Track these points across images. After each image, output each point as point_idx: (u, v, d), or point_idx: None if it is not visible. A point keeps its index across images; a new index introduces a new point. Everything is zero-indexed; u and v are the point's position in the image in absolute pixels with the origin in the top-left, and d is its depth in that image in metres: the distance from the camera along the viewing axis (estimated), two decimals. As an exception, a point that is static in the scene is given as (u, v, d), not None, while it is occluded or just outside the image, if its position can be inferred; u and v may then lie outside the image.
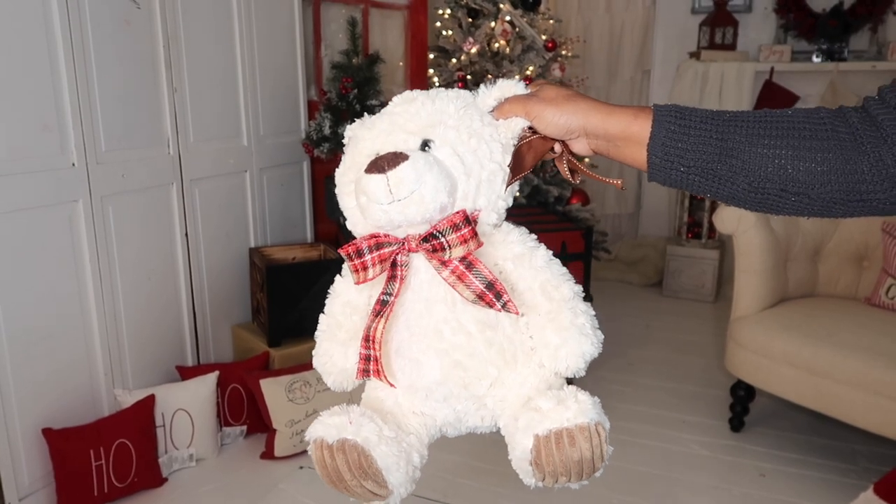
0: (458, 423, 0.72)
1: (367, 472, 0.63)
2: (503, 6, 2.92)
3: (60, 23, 1.85)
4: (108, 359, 2.09)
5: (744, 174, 0.67)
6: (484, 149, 0.66)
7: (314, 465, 0.66)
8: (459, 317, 0.66)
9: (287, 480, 2.14)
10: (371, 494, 0.65)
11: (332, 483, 0.66)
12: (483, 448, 2.34)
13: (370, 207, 0.64)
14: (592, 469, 0.62)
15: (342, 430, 0.63)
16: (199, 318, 2.45)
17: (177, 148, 2.29)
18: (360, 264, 0.66)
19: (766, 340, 2.24)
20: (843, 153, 0.64)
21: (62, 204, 1.92)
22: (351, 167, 0.69)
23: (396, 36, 3.32)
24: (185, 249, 2.36)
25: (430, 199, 0.63)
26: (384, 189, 0.62)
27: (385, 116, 0.70)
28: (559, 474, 0.62)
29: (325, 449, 0.64)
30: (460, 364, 0.66)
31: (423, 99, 0.69)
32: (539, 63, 2.96)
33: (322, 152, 2.66)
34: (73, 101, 1.91)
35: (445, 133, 0.66)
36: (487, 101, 0.70)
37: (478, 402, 0.69)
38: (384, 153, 0.64)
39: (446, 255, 0.63)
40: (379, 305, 0.66)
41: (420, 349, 0.67)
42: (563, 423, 0.61)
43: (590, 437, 0.61)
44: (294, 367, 2.32)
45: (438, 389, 0.68)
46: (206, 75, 2.38)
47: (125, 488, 1.99)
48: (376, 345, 0.66)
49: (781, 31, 3.96)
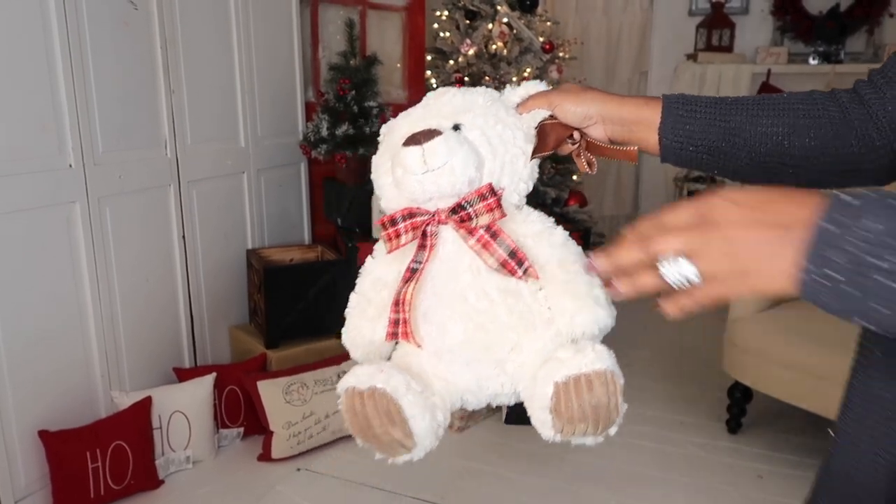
0: (479, 391, 0.73)
1: (394, 418, 0.67)
2: (500, 8, 2.92)
3: (58, 24, 1.85)
4: (104, 360, 2.09)
5: (746, 150, 0.73)
6: (508, 134, 0.73)
7: (344, 415, 0.70)
8: (483, 284, 0.71)
9: (284, 482, 2.13)
10: (397, 444, 0.68)
11: (360, 432, 0.69)
12: (481, 450, 2.34)
13: (406, 179, 0.70)
14: (609, 419, 0.65)
15: (373, 378, 0.67)
16: (196, 319, 2.45)
17: (174, 149, 2.29)
18: (393, 232, 0.72)
19: (763, 342, 2.25)
20: (834, 130, 0.71)
21: (59, 205, 1.92)
22: (388, 149, 0.76)
23: (394, 37, 3.32)
24: (182, 251, 2.35)
25: (461, 171, 0.69)
26: (420, 159, 0.68)
27: (419, 107, 0.78)
28: (577, 421, 0.65)
29: (356, 396, 0.68)
30: (483, 327, 0.70)
31: (455, 91, 0.77)
32: (537, 65, 2.96)
33: (320, 153, 2.65)
34: (70, 102, 1.91)
35: (474, 118, 0.73)
36: (513, 97, 0.78)
37: (498, 368, 0.72)
38: (418, 131, 0.70)
39: (473, 223, 0.69)
40: (409, 273, 0.71)
41: (446, 314, 0.71)
42: (581, 369, 0.65)
43: (606, 383, 0.65)
44: (291, 369, 2.31)
45: (461, 352, 0.71)
46: (204, 77, 2.38)
47: (122, 490, 1.98)
48: (406, 306, 0.70)
49: (778, 33, 3.98)
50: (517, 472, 2.21)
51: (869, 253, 0.42)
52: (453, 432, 2.44)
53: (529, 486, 2.14)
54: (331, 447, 2.32)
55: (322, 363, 2.37)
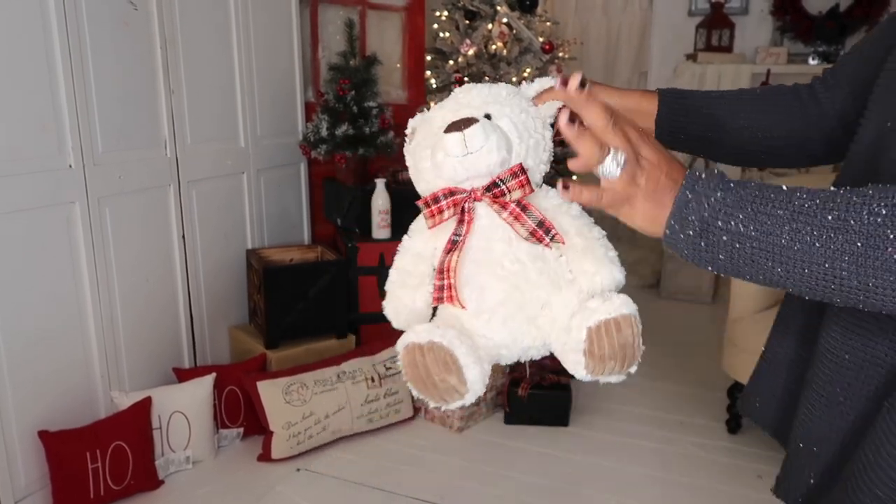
0: (514, 345, 0.83)
1: (450, 367, 0.77)
2: (500, 8, 2.92)
3: (58, 24, 1.85)
4: (104, 361, 2.08)
5: (728, 139, 0.88)
6: (531, 122, 0.84)
7: (403, 368, 0.79)
8: (515, 251, 0.81)
9: (284, 483, 2.13)
10: (452, 390, 0.78)
11: (419, 382, 0.79)
12: (481, 450, 2.34)
13: (447, 161, 0.80)
14: (633, 357, 0.76)
15: (431, 334, 0.78)
16: (196, 319, 2.45)
17: (174, 149, 2.29)
18: (436, 209, 0.82)
19: (763, 342, 2.24)
20: (797, 123, 0.86)
21: (59, 205, 1.92)
22: (426, 137, 0.85)
23: (394, 38, 3.32)
24: (182, 251, 2.35)
25: (495, 153, 0.79)
26: (461, 143, 0.78)
27: (450, 100, 0.88)
28: (608, 359, 0.75)
29: (416, 349, 0.78)
30: (517, 288, 0.81)
31: (481, 86, 0.87)
32: (536, 65, 2.96)
33: (319, 154, 2.65)
34: (70, 102, 1.91)
35: (502, 109, 0.83)
36: (529, 92, 0.88)
37: (531, 324, 0.82)
38: (458, 119, 0.81)
39: (506, 198, 0.79)
40: (450, 244, 0.82)
41: (484, 278, 0.82)
42: (611, 314, 0.76)
43: (631, 325, 0.76)
44: (291, 369, 2.31)
45: (499, 311, 0.81)
46: (204, 77, 2.38)
47: (121, 491, 1.98)
48: (451, 273, 0.81)
49: (778, 34, 3.98)
50: (517, 472, 2.21)
51: (712, 215, 0.60)
52: (453, 432, 2.44)
53: (529, 486, 2.14)
54: (330, 447, 2.32)
55: (322, 363, 2.37)
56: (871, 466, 0.65)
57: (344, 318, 2.60)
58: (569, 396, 2.48)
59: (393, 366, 2.45)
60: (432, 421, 2.51)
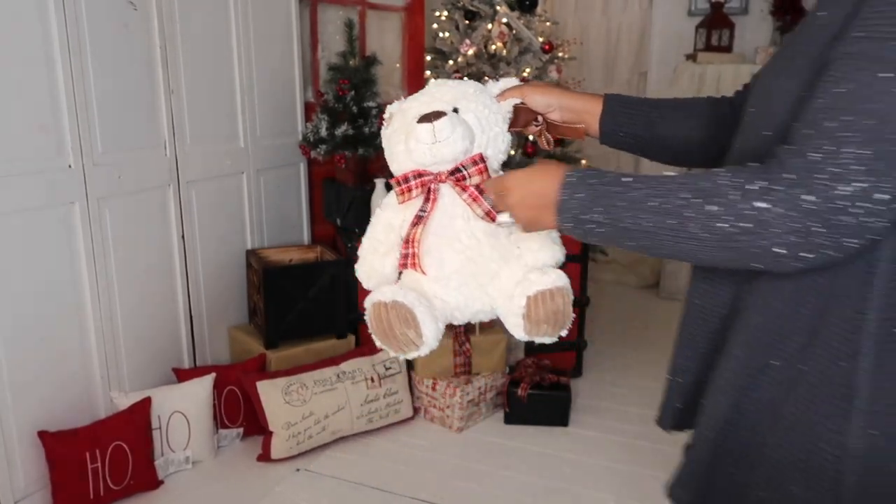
0: (466, 308, 0.98)
1: (410, 322, 0.92)
2: (500, 8, 2.92)
3: (57, 24, 1.85)
4: (104, 361, 2.08)
5: (660, 139, 1.02)
6: (493, 117, 0.98)
7: (369, 322, 0.94)
8: (472, 228, 0.95)
9: (284, 483, 2.13)
10: (410, 342, 0.93)
11: (382, 334, 0.93)
12: (481, 450, 2.34)
13: (418, 147, 0.93)
14: (563, 323, 0.93)
15: (395, 294, 0.92)
16: (195, 320, 2.45)
17: (173, 149, 2.29)
18: (406, 188, 0.96)
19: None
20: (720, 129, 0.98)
21: (59, 206, 1.91)
22: (401, 125, 0.98)
23: (393, 38, 3.32)
24: (181, 251, 2.35)
25: (459, 143, 0.92)
26: (430, 133, 0.92)
27: (424, 94, 1.00)
28: (542, 322, 0.92)
29: (381, 306, 0.92)
30: (472, 259, 0.96)
31: (452, 83, 1.00)
32: (536, 65, 2.96)
33: (319, 154, 2.65)
34: (69, 102, 1.91)
35: (468, 104, 0.96)
36: (493, 90, 1.02)
37: (481, 290, 0.97)
38: (429, 112, 0.94)
39: (466, 182, 0.93)
40: (416, 219, 0.95)
41: (444, 250, 0.96)
42: (548, 286, 0.92)
43: (563, 295, 0.92)
44: (291, 370, 2.31)
45: (454, 278, 0.96)
46: (203, 77, 2.38)
47: (121, 491, 1.98)
48: (415, 244, 0.95)
49: (778, 34, 3.97)
50: (517, 472, 2.21)
51: (581, 211, 0.79)
52: (453, 432, 2.44)
53: (529, 486, 2.14)
54: (330, 447, 2.32)
55: (321, 363, 2.37)
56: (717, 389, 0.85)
57: (343, 319, 2.60)
58: (568, 396, 2.48)
59: (393, 366, 2.45)
60: (432, 421, 2.51)
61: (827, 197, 0.65)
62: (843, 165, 0.64)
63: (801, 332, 0.75)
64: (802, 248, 0.67)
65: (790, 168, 0.67)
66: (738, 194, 0.69)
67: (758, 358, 0.79)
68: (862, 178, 0.64)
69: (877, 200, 0.64)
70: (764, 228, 0.68)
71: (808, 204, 0.66)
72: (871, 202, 0.64)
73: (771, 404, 0.78)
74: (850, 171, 0.64)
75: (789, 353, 0.76)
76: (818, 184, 0.65)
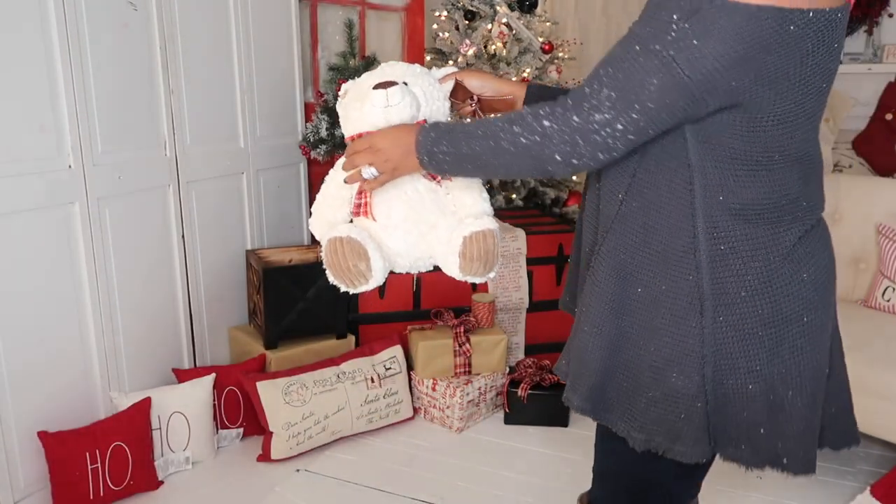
0: (407, 254, 1.15)
1: (361, 256, 1.08)
2: (500, 8, 2.92)
3: (57, 24, 1.85)
4: (104, 361, 2.08)
5: None
6: (435, 93, 1.17)
7: (325, 256, 1.10)
8: (415, 184, 1.14)
9: (284, 483, 2.13)
10: (361, 275, 1.08)
11: (335, 267, 1.10)
12: (481, 450, 2.34)
13: (372, 112, 1.10)
14: (493, 262, 1.14)
15: (350, 231, 1.10)
16: (195, 320, 2.44)
17: (173, 150, 2.28)
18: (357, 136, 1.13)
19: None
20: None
21: (58, 206, 1.91)
22: (357, 94, 1.15)
23: (393, 38, 3.32)
24: (181, 251, 2.35)
25: (408, 109, 1.11)
26: (384, 98, 1.09)
27: (377, 71, 1.18)
28: (475, 260, 1.11)
29: (337, 241, 1.08)
30: (415, 210, 1.14)
31: (402, 63, 1.20)
32: (536, 65, 2.96)
33: (319, 154, 2.65)
34: (69, 102, 1.91)
35: (416, 79, 1.15)
36: (437, 74, 1.21)
37: (422, 238, 1.14)
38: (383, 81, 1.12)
39: None
40: None
41: (392, 201, 1.14)
42: (480, 228, 1.12)
43: (494, 237, 1.13)
44: (291, 370, 2.31)
45: (401, 226, 1.13)
46: (203, 77, 2.38)
47: (121, 491, 1.98)
48: (367, 194, 1.15)
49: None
50: (517, 472, 2.21)
51: (433, 145, 1.05)
52: (453, 432, 2.44)
53: (529, 486, 2.14)
54: (330, 448, 2.32)
55: (321, 364, 2.37)
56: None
57: (343, 319, 2.60)
58: (568, 397, 2.48)
59: (393, 366, 2.45)
60: (432, 421, 2.51)
61: (588, 120, 0.91)
62: (600, 101, 0.90)
63: (655, 262, 0.99)
64: (572, 156, 0.93)
65: (571, 97, 0.93)
66: (531, 118, 0.95)
67: (628, 289, 1.01)
68: (609, 112, 0.90)
69: (616, 129, 0.90)
70: (548, 140, 0.93)
71: (575, 123, 0.91)
72: (613, 129, 0.90)
73: (644, 320, 1.00)
74: (603, 106, 0.90)
75: (649, 280, 0.99)
76: (583, 110, 0.91)
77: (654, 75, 0.87)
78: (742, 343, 0.96)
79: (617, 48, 0.92)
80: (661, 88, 0.87)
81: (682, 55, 0.86)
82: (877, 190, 2.59)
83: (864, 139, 3.62)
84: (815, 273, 0.98)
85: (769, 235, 0.95)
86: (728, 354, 0.97)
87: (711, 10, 0.84)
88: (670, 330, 0.97)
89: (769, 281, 0.95)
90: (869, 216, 2.56)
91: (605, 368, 1.03)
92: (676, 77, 0.86)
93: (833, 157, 3.60)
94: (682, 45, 0.85)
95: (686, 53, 0.85)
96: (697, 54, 0.85)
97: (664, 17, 0.87)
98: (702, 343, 0.96)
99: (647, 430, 1.02)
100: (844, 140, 3.63)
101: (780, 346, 0.97)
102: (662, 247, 0.97)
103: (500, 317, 2.69)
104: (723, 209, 0.94)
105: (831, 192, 2.36)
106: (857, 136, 3.62)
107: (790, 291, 0.96)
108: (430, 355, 2.45)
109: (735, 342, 0.96)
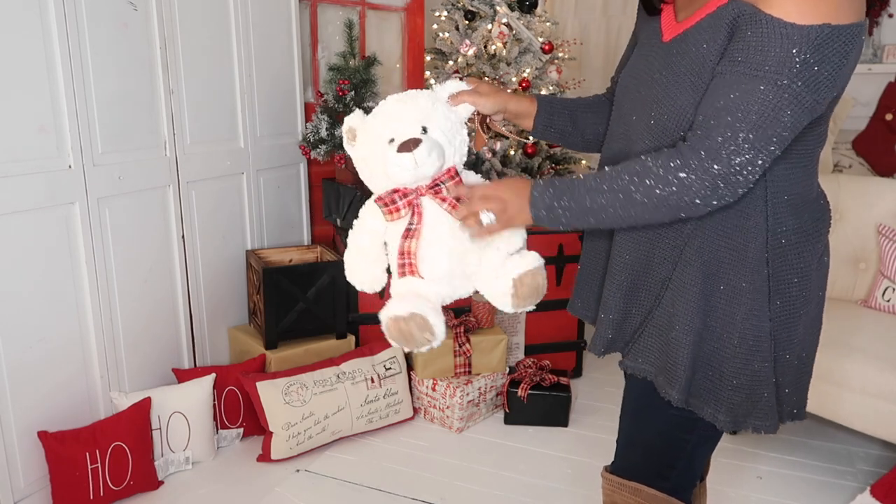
0: (453, 294, 1.19)
1: (426, 327, 1.11)
2: (500, 8, 2.92)
3: (57, 24, 1.85)
4: (104, 361, 2.08)
5: (579, 132, 1.34)
6: (455, 128, 1.16)
7: (389, 332, 1.12)
8: (455, 230, 1.14)
9: (284, 483, 2.13)
10: (426, 341, 1.11)
11: (403, 339, 1.11)
12: (481, 450, 2.34)
13: (401, 175, 1.10)
14: (542, 294, 1.17)
15: (407, 308, 1.10)
16: (195, 320, 2.44)
17: (173, 150, 2.29)
18: (394, 208, 1.13)
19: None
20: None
21: (59, 206, 1.91)
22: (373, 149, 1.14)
23: (393, 38, 3.32)
24: (181, 251, 2.35)
25: (437, 160, 1.10)
26: (413, 162, 1.09)
27: (385, 114, 1.14)
28: (527, 297, 1.15)
29: (402, 321, 1.10)
30: (456, 257, 1.15)
31: (406, 100, 1.15)
32: (536, 65, 2.96)
33: (319, 154, 2.65)
34: (69, 102, 1.91)
35: (431, 119, 1.13)
36: (443, 94, 1.19)
37: (467, 279, 1.18)
38: (405, 139, 1.10)
39: (445, 194, 1.13)
40: (407, 232, 1.13)
41: (434, 255, 1.14)
42: (528, 267, 1.15)
43: (542, 273, 1.17)
44: (291, 370, 2.31)
45: (446, 276, 1.16)
46: (203, 77, 2.38)
47: (121, 491, 1.98)
48: (411, 255, 1.14)
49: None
50: (517, 472, 2.21)
51: (552, 201, 1.07)
52: (453, 432, 2.44)
53: (529, 486, 2.14)
54: (330, 448, 2.32)
55: (321, 364, 2.37)
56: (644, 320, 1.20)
57: (343, 319, 2.60)
58: (568, 397, 2.48)
59: (393, 366, 2.45)
60: (432, 421, 2.51)
61: (729, 165, 0.97)
62: (738, 145, 0.96)
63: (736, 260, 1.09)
64: (712, 199, 1.00)
65: (703, 148, 0.98)
66: (663, 171, 1.00)
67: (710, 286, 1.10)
68: (749, 153, 0.96)
69: (757, 165, 0.98)
70: (687, 189, 0.99)
71: (716, 170, 0.97)
72: (754, 167, 0.98)
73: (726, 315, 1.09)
74: (742, 149, 0.96)
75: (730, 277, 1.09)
76: (722, 157, 0.97)
77: (788, 108, 0.95)
78: (789, 321, 1.10)
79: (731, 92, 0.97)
80: (794, 117, 0.96)
81: (808, 84, 0.94)
82: (877, 190, 2.59)
83: (864, 139, 3.61)
84: (828, 254, 1.16)
85: (811, 224, 1.09)
86: (781, 333, 1.10)
87: (822, 36, 0.92)
88: (751, 322, 1.08)
89: (811, 266, 1.10)
90: (869, 216, 2.57)
91: (692, 363, 1.12)
92: (806, 104, 0.95)
93: (833, 157, 3.59)
94: (807, 75, 0.94)
95: (812, 81, 0.94)
96: (820, 78, 0.95)
97: (781, 52, 0.93)
98: (772, 328, 1.08)
99: (734, 413, 1.12)
100: (844, 140, 3.63)
101: (809, 318, 1.13)
102: (742, 245, 1.07)
103: (500, 317, 2.69)
104: (784, 205, 1.06)
105: (831, 192, 2.36)
106: (857, 136, 3.62)
107: (820, 273, 1.13)
108: (430, 355, 2.45)
109: (785, 321, 1.09)
